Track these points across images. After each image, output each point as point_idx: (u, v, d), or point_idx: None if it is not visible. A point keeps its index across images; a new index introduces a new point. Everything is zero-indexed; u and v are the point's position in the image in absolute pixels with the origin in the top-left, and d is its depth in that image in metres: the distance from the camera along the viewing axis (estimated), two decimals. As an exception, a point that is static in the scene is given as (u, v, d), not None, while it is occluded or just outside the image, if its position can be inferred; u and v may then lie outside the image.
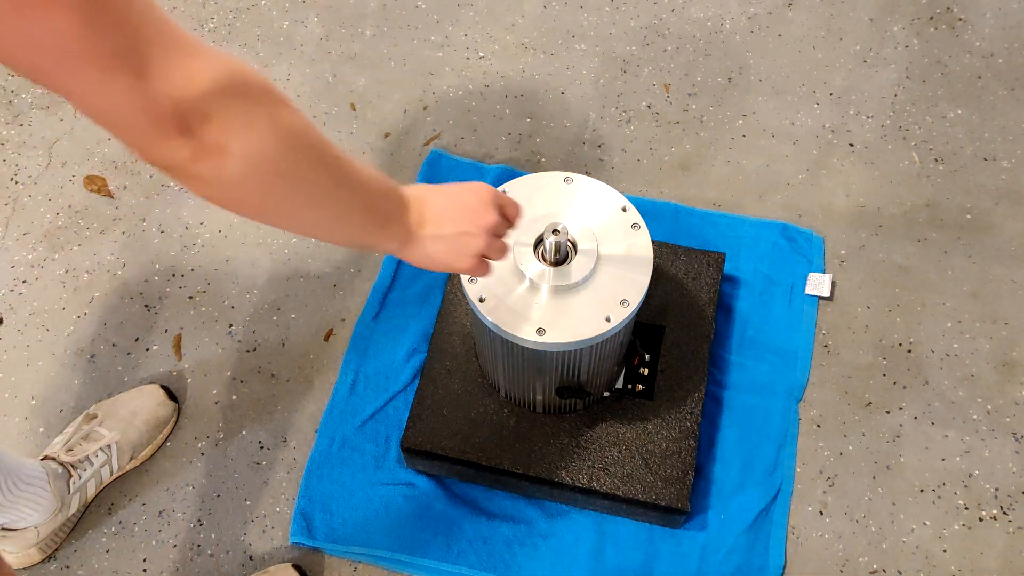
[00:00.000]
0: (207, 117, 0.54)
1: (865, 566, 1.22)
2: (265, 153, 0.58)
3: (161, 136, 0.53)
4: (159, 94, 0.51)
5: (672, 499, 1.15)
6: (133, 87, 0.50)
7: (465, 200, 0.83)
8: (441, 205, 0.81)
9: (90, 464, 1.23)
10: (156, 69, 0.50)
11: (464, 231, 0.82)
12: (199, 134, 0.54)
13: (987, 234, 1.48)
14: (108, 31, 0.48)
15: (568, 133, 1.62)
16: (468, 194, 0.84)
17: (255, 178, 0.59)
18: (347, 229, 0.74)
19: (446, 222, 0.81)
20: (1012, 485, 1.26)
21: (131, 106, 0.51)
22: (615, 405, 1.21)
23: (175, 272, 1.48)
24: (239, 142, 0.56)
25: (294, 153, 0.61)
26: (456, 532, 1.23)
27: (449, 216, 0.81)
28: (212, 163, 0.56)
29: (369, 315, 1.42)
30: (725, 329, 1.38)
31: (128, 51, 0.49)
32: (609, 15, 1.77)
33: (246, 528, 1.26)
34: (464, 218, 0.82)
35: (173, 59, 0.51)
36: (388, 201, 0.76)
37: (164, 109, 0.52)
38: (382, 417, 1.32)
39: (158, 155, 0.55)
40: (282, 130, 0.59)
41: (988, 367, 1.36)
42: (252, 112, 0.57)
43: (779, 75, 1.68)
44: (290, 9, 1.80)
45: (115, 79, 0.49)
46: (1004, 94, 1.63)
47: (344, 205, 0.70)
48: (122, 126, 0.53)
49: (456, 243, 0.82)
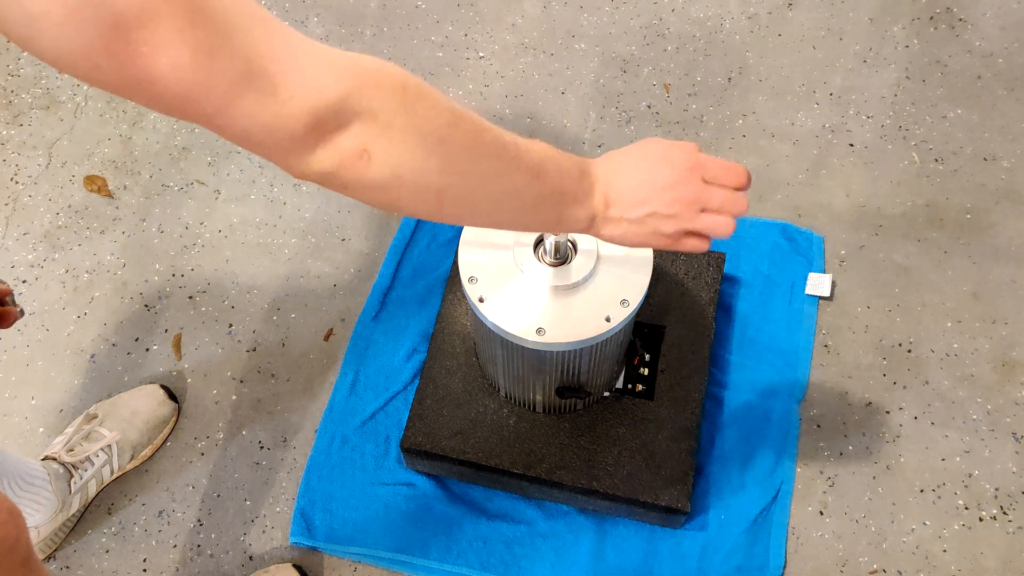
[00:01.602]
0: (343, 125, 0.53)
1: (865, 566, 1.22)
2: (409, 154, 0.57)
3: (303, 151, 0.53)
4: (292, 110, 0.50)
5: (672, 499, 1.15)
6: (265, 107, 0.49)
7: (658, 174, 0.73)
8: (628, 183, 0.73)
9: (91, 464, 1.23)
10: (283, 85, 0.50)
11: (653, 211, 0.73)
12: (339, 143, 0.53)
13: (987, 234, 1.48)
14: (226, 57, 0.47)
15: (568, 133, 1.62)
16: (663, 166, 0.73)
17: (406, 181, 0.58)
18: (525, 215, 0.69)
19: (634, 204, 0.73)
20: (1012, 485, 1.26)
21: (268, 126, 0.50)
22: (615, 405, 1.21)
23: (175, 272, 1.48)
24: (381, 147, 0.55)
25: (442, 146, 0.58)
26: (456, 532, 1.23)
27: (637, 196, 0.73)
28: (358, 170, 0.55)
29: (369, 315, 1.42)
30: (725, 329, 1.38)
31: (251, 73, 0.48)
32: (609, 15, 1.77)
33: (246, 528, 1.26)
34: (654, 197, 0.73)
35: (298, 71, 0.50)
36: (565, 182, 0.70)
37: (300, 124, 0.51)
38: (382, 417, 1.32)
39: (305, 169, 0.54)
40: (423, 126, 0.57)
41: (988, 367, 1.36)
42: (388, 113, 0.55)
43: (779, 75, 1.68)
44: (290, 9, 1.80)
45: (245, 102, 0.49)
46: (1004, 94, 1.64)
47: (514, 193, 0.66)
48: (266, 146, 0.52)
49: (645, 225, 0.74)
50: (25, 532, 0.79)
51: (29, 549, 0.80)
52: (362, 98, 0.53)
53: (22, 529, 0.79)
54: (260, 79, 0.49)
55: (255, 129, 0.50)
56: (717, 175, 0.75)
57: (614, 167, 0.73)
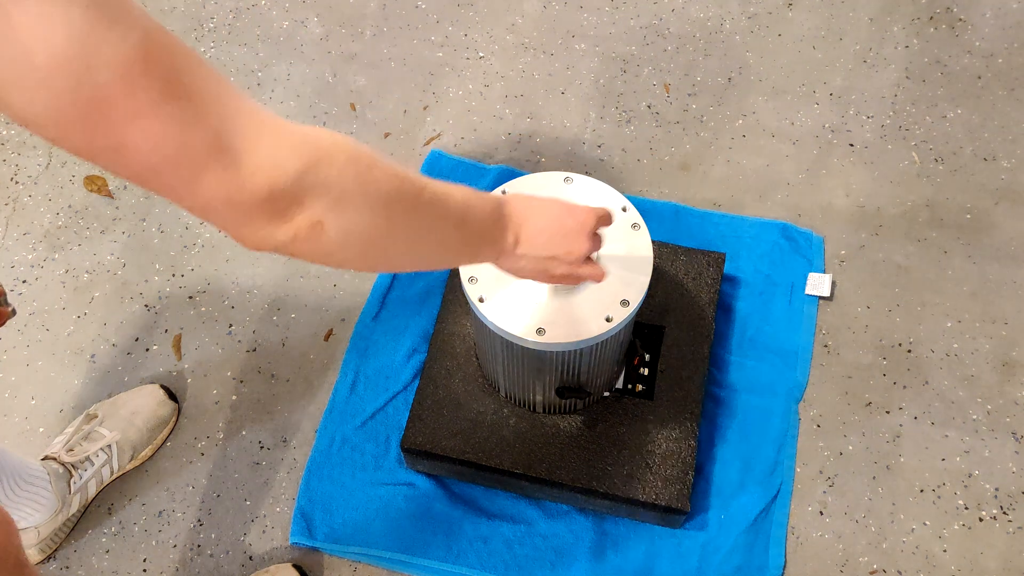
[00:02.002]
0: (299, 200, 0.54)
1: (865, 566, 1.22)
2: (360, 221, 0.60)
3: (259, 224, 0.54)
4: (252, 185, 0.52)
5: (672, 499, 1.15)
6: (228, 181, 0.51)
7: (564, 225, 0.85)
8: (537, 227, 0.83)
9: (91, 464, 1.23)
10: (246, 160, 0.51)
11: (553, 255, 0.85)
12: (294, 218, 0.55)
13: (987, 234, 1.48)
14: (197, 131, 0.48)
15: (568, 133, 1.62)
16: (568, 219, 0.85)
17: (354, 244, 0.61)
18: (446, 258, 0.77)
19: (539, 245, 0.83)
20: (1012, 485, 1.26)
21: (229, 199, 0.52)
22: (615, 405, 1.21)
23: (175, 272, 1.48)
24: (333, 218, 0.57)
25: (387, 211, 0.62)
26: (456, 532, 1.23)
27: (543, 239, 0.83)
28: (311, 241, 0.57)
29: (369, 315, 1.42)
30: (725, 329, 1.38)
31: (218, 147, 0.50)
32: (609, 15, 1.77)
33: (246, 528, 1.26)
34: (557, 244, 0.84)
35: (260, 147, 0.52)
36: (485, 224, 0.78)
37: (259, 198, 0.52)
38: (382, 417, 1.32)
39: (260, 242, 0.56)
40: (373, 195, 0.60)
41: (988, 367, 1.36)
42: (342, 186, 0.57)
43: (779, 75, 1.68)
44: (290, 9, 1.80)
45: (210, 176, 0.50)
46: (1004, 94, 1.64)
47: (444, 242, 0.72)
48: (224, 218, 0.53)
49: (543, 264, 0.85)
50: (16, 538, 0.79)
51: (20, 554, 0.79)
52: (318, 173, 0.55)
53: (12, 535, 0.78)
54: (226, 154, 0.50)
55: (216, 202, 0.52)
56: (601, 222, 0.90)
57: (525, 212, 0.83)
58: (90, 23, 0.42)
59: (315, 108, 1.66)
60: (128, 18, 0.44)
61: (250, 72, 1.71)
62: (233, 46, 1.75)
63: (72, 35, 0.41)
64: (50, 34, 0.41)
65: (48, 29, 0.41)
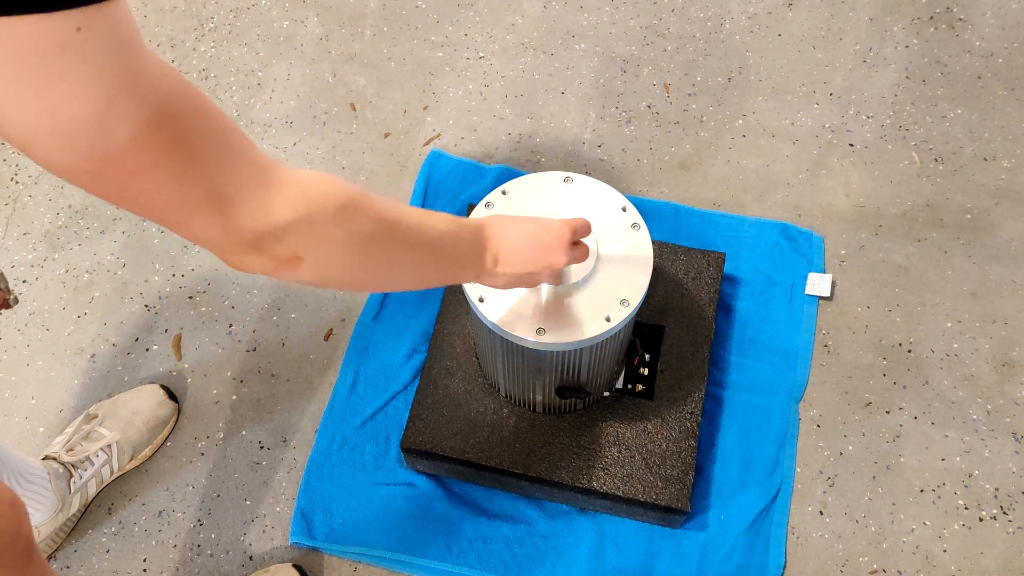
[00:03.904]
0: (279, 239, 0.59)
1: (865, 566, 1.22)
2: (336, 256, 0.65)
3: (242, 255, 0.59)
4: (241, 229, 0.57)
5: (672, 499, 1.15)
6: (218, 225, 0.56)
7: (540, 241, 0.89)
8: (514, 244, 0.87)
9: (91, 464, 1.23)
10: (239, 208, 0.56)
11: (532, 271, 0.89)
12: (275, 252, 0.60)
13: (987, 234, 1.48)
14: (195, 185, 0.54)
15: (568, 133, 1.62)
16: (544, 235, 0.89)
17: (330, 276, 0.66)
18: (426, 282, 0.82)
19: (517, 262, 0.87)
20: (1012, 485, 1.26)
21: (216, 238, 0.57)
22: (615, 405, 1.21)
23: (175, 272, 1.48)
24: (311, 255, 0.62)
25: (364, 251, 0.67)
26: (456, 532, 1.23)
27: (521, 256, 0.87)
28: (288, 273, 0.62)
29: (369, 315, 1.42)
30: (725, 329, 1.38)
31: (213, 198, 0.55)
32: (609, 15, 1.77)
33: (246, 528, 1.26)
34: (534, 259, 0.88)
35: (253, 195, 0.57)
36: (463, 249, 0.82)
37: (245, 240, 0.58)
38: (382, 417, 1.32)
39: (238, 267, 0.61)
40: (354, 239, 0.65)
41: (988, 367, 1.36)
42: (325, 227, 0.62)
43: (779, 75, 1.68)
44: (290, 9, 1.80)
45: (202, 219, 0.55)
46: (1004, 94, 1.64)
47: (419, 270, 0.77)
48: (211, 247, 0.59)
49: (523, 279, 0.90)
50: (27, 523, 0.80)
51: (31, 540, 0.80)
52: (306, 221, 0.60)
53: (23, 520, 0.79)
54: (219, 202, 0.55)
55: (205, 238, 0.57)
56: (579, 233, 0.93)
57: (503, 234, 0.87)
58: (113, 95, 0.47)
59: (315, 108, 1.66)
60: (147, 87, 0.49)
61: (250, 72, 1.71)
62: (233, 46, 1.75)
63: (96, 105, 0.46)
64: (77, 104, 0.45)
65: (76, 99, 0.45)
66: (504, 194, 1.07)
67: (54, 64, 0.44)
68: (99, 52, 0.45)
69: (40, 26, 0.42)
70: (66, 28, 0.43)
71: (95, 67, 0.45)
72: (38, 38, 0.43)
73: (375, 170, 1.58)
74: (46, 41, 0.43)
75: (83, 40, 0.44)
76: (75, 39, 0.44)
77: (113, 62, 0.46)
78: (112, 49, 0.46)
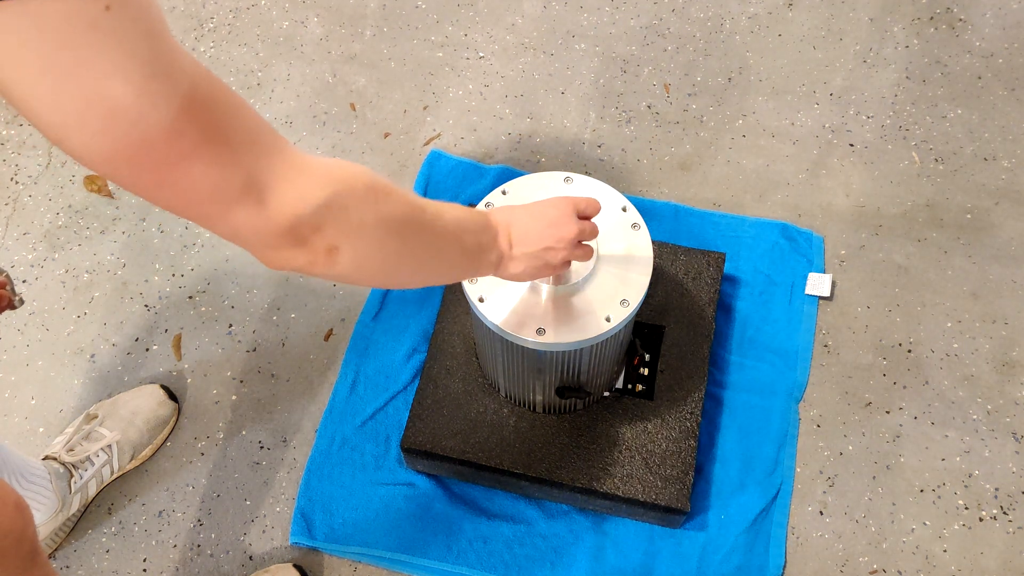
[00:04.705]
0: (318, 228, 0.59)
1: (865, 566, 1.22)
2: (373, 246, 0.65)
3: (281, 248, 0.59)
4: (277, 216, 0.57)
5: (672, 499, 1.15)
6: (257, 214, 0.56)
7: (547, 216, 0.89)
8: (525, 224, 0.88)
9: (91, 464, 1.23)
10: (273, 195, 0.56)
11: (548, 246, 0.88)
12: (312, 243, 0.60)
13: (987, 234, 1.48)
14: (232, 172, 0.53)
15: (568, 133, 1.62)
16: (550, 209, 0.90)
17: (367, 266, 0.66)
18: (452, 273, 0.82)
19: (532, 240, 0.87)
20: (1012, 485, 1.26)
21: (256, 229, 0.57)
22: (615, 405, 1.21)
23: (175, 272, 1.49)
24: (349, 243, 0.62)
25: (399, 236, 0.67)
26: (456, 532, 1.23)
27: (535, 234, 0.88)
28: (327, 263, 0.62)
29: (369, 315, 1.42)
30: (725, 329, 1.38)
31: (250, 185, 0.55)
32: (609, 15, 1.77)
33: (246, 528, 1.26)
34: (548, 233, 0.88)
35: (287, 182, 0.57)
36: (481, 236, 0.83)
37: (283, 227, 0.57)
38: (382, 417, 1.33)
39: (277, 263, 0.61)
40: (386, 222, 0.65)
41: (988, 367, 1.36)
42: (358, 215, 0.62)
43: (779, 75, 1.68)
44: (290, 9, 1.80)
45: (241, 209, 0.55)
46: (1004, 94, 1.64)
47: (447, 257, 0.78)
48: (250, 243, 0.59)
49: (542, 257, 0.89)
50: (32, 525, 0.80)
51: (35, 541, 0.81)
52: (338, 203, 0.60)
53: (28, 521, 0.79)
54: (256, 190, 0.55)
55: (245, 231, 0.57)
56: (585, 209, 0.93)
57: (508, 215, 0.88)
58: (146, 79, 0.46)
59: (315, 108, 1.66)
60: (177, 72, 0.48)
61: (250, 72, 1.71)
62: (233, 46, 1.75)
63: (129, 91, 0.46)
64: (111, 90, 0.45)
65: (110, 86, 0.45)
66: (504, 194, 1.07)
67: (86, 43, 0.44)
68: (131, 32, 0.45)
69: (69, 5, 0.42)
70: (96, 6, 0.43)
71: (128, 47, 0.45)
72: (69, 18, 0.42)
73: (375, 170, 1.58)
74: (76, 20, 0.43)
75: (113, 19, 0.44)
76: (105, 18, 0.44)
77: (145, 44, 0.46)
78: (143, 30, 0.46)
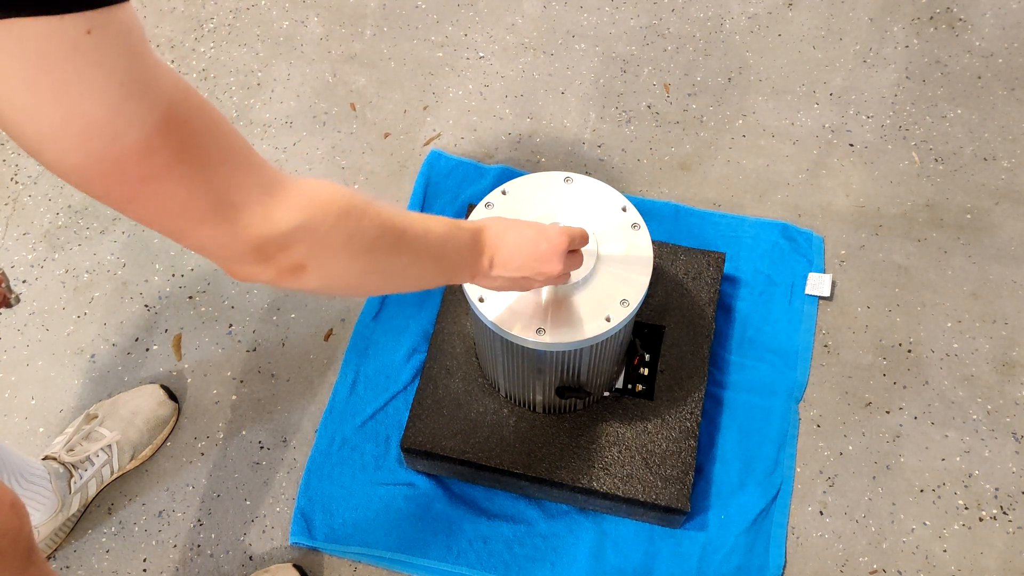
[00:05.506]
0: (284, 247, 0.60)
1: (865, 566, 1.22)
2: (341, 266, 0.65)
3: (244, 264, 0.60)
4: (243, 235, 0.57)
5: (672, 499, 1.15)
6: (224, 232, 0.56)
7: (537, 249, 0.88)
8: (512, 250, 0.87)
9: (91, 464, 1.23)
10: (243, 215, 0.56)
11: (527, 276, 0.89)
12: (278, 261, 0.60)
13: (987, 234, 1.48)
14: (202, 192, 0.54)
15: (568, 133, 1.62)
16: (542, 242, 0.88)
17: (335, 284, 0.67)
18: (424, 284, 0.82)
19: (513, 267, 0.87)
20: (1012, 485, 1.26)
21: (222, 245, 0.58)
22: (615, 405, 1.21)
23: (175, 272, 1.49)
24: (315, 263, 0.62)
25: (368, 256, 0.67)
26: (456, 532, 1.23)
27: (517, 261, 0.87)
28: (292, 280, 0.63)
29: (369, 315, 1.42)
30: (725, 329, 1.38)
31: (219, 205, 0.55)
32: (609, 15, 1.77)
33: (246, 528, 1.26)
34: (529, 265, 0.88)
35: (258, 203, 0.57)
36: (462, 252, 0.83)
37: (247, 247, 0.58)
38: (382, 417, 1.33)
39: (242, 277, 0.62)
40: (357, 245, 0.65)
41: (988, 367, 1.36)
42: (328, 238, 0.62)
43: (779, 75, 1.68)
44: (290, 9, 1.80)
45: (208, 227, 0.56)
46: (1004, 94, 1.64)
47: (419, 272, 0.78)
48: (215, 257, 0.60)
49: (518, 283, 0.90)
50: (28, 524, 0.80)
51: (31, 541, 0.81)
52: (309, 228, 0.60)
53: (24, 521, 0.79)
54: (225, 209, 0.56)
55: (211, 246, 0.58)
56: (574, 243, 0.92)
57: (501, 236, 0.87)
58: (123, 97, 0.47)
59: (315, 108, 1.66)
60: (155, 91, 0.49)
61: (250, 72, 1.71)
62: (233, 46, 1.75)
63: (106, 108, 0.47)
64: (88, 106, 0.46)
65: (87, 102, 0.46)
66: (504, 194, 1.07)
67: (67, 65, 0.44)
68: (110, 54, 0.46)
69: (52, 27, 0.43)
70: (77, 30, 0.44)
71: (107, 69, 0.46)
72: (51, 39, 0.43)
73: (375, 170, 1.58)
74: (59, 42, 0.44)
75: (94, 42, 0.45)
76: (86, 40, 0.44)
77: (124, 65, 0.47)
78: (123, 52, 0.47)
